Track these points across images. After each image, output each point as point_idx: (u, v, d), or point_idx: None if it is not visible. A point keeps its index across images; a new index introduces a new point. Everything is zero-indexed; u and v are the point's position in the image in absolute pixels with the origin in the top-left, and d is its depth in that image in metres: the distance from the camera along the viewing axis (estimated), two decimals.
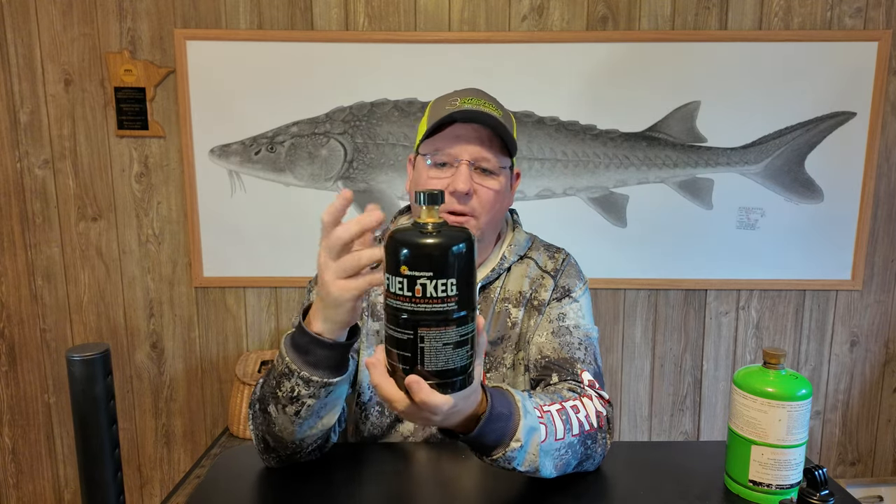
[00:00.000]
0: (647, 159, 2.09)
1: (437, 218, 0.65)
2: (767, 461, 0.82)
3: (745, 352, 2.23)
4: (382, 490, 0.88)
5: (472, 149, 0.99)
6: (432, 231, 0.64)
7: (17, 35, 2.02)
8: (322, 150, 2.08)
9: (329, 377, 0.80)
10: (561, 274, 1.10)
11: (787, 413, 0.80)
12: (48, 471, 2.28)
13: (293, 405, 0.82)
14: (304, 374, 0.79)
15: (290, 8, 2.02)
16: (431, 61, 2.02)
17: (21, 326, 2.18)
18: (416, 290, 0.63)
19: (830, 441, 2.29)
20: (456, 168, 0.99)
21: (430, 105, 1.07)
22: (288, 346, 0.81)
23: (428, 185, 1.00)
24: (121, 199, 2.12)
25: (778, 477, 0.82)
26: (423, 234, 0.63)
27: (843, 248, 2.14)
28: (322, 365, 0.79)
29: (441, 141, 1.00)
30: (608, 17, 2.03)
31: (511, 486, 0.88)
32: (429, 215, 0.65)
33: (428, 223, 0.65)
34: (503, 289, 1.08)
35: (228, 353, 2.22)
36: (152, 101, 2.05)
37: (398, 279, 0.63)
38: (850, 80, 2.04)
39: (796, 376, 0.83)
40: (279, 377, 0.82)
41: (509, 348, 1.06)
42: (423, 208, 0.66)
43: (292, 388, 0.81)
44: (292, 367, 0.80)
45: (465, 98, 1.01)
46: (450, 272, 0.63)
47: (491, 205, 1.01)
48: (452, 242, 0.63)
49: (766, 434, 0.81)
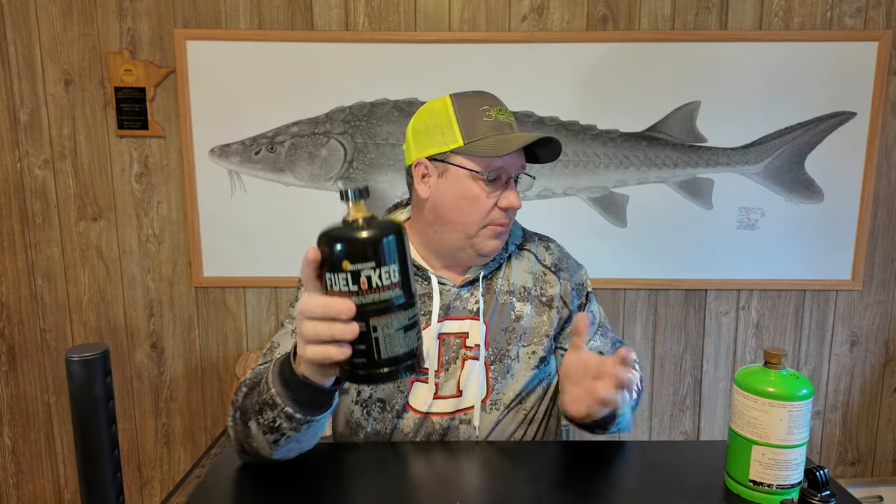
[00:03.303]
0: (647, 159, 2.09)
1: (366, 212, 0.67)
2: (768, 461, 0.82)
3: (745, 352, 2.23)
4: (383, 490, 0.88)
5: (519, 165, 1.05)
6: (364, 225, 0.65)
7: (17, 35, 2.02)
8: (322, 150, 2.08)
9: (313, 415, 0.81)
10: (564, 269, 1.16)
11: (788, 413, 0.80)
12: (48, 471, 2.28)
13: (273, 434, 0.84)
14: (288, 409, 0.80)
15: (290, 8, 2.02)
16: (431, 61, 2.02)
17: (21, 326, 2.18)
18: (361, 283, 0.64)
19: (830, 441, 2.29)
20: (504, 183, 1.03)
21: (451, 107, 1.03)
22: (276, 376, 0.82)
23: (480, 203, 1.02)
24: (121, 199, 2.12)
25: (779, 477, 0.82)
26: (358, 228, 0.65)
27: (843, 248, 2.14)
28: (306, 403, 0.80)
29: (497, 158, 1.01)
30: (608, 17, 2.03)
31: (511, 486, 0.88)
32: (358, 211, 0.66)
33: (358, 218, 0.66)
34: (506, 280, 1.11)
35: (228, 353, 2.22)
36: (152, 101, 2.05)
37: (342, 275, 0.65)
38: (850, 80, 2.04)
39: (797, 376, 0.83)
40: (262, 405, 0.83)
41: (514, 340, 1.08)
42: (351, 204, 0.67)
43: (274, 419, 0.82)
44: (277, 400, 0.81)
45: (495, 108, 1.04)
46: (391, 259, 0.65)
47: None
48: (388, 231, 0.65)
49: (767, 434, 0.81)
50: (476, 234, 1.04)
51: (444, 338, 1.06)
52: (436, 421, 1.05)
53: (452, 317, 1.07)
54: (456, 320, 1.07)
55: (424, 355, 0.72)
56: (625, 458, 0.97)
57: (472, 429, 1.05)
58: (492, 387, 1.06)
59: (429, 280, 1.08)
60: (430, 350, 1.05)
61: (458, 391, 1.05)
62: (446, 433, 1.05)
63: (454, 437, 1.05)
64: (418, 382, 1.05)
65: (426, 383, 1.05)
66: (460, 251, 1.06)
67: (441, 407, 1.05)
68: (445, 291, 1.08)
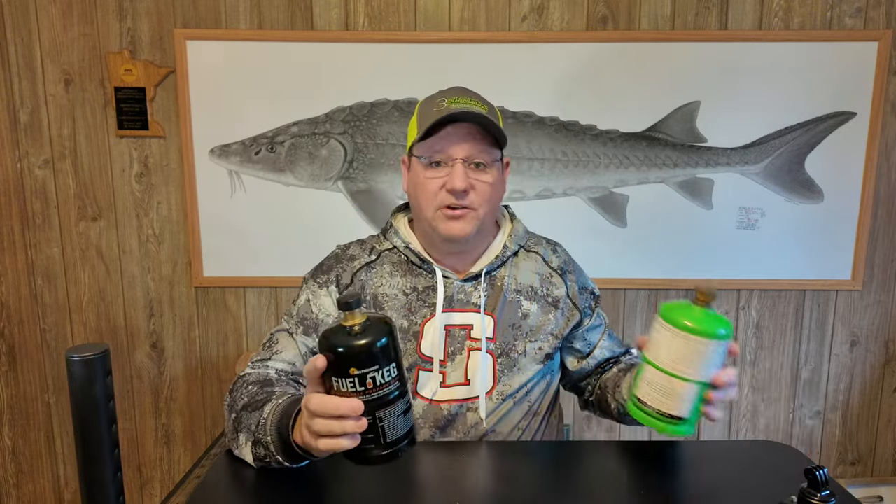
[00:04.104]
0: (647, 159, 2.09)
1: (362, 316, 0.73)
2: (654, 382, 0.82)
3: (746, 352, 2.23)
4: (384, 489, 0.88)
5: (466, 147, 1.04)
6: (361, 331, 0.72)
7: (17, 35, 2.02)
8: (322, 150, 2.08)
9: (301, 463, 0.89)
10: (571, 273, 1.19)
11: (685, 343, 0.80)
12: (48, 471, 2.28)
13: (261, 462, 0.91)
14: (279, 458, 0.88)
15: (290, 8, 2.02)
16: (431, 61, 2.02)
17: (21, 326, 2.18)
18: (367, 384, 0.71)
19: (830, 441, 2.29)
20: (451, 167, 1.04)
21: (417, 107, 1.11)
22: (274, 426, 0.88)
23: (426, 186, 1.06)
24: (121, 199, 2.12)
25: (660, 403, 0.82)
26: (357, 336, 0.71)
27: (843, 248, 2.14)
28: (297, 458, 0.87)
29: (435, 142, 1.05)
30: (608, 17, 2.03)
31: (511, 486, 0.88)
32: (353, 318, 0.73)
33: (355, 325, 0.72)
34: (513, 279, 1.14)
35: (228, 353, 2.22)
36: (152, 101, 2.05)
37: (349, 379, 0.71)
38: (850, 80, 2.04)
39: (716, 318, 0.81)
40: (256, 442, 0.90)
41: (520, 336, 1.12)
42: (345, 314, 0.73)
43: (265, 456, 0.89)
44: (271, 448, 0.88)
45: (452, 98, 1.06)
46: (389, 360, 0.72)
47: (488, 197, 1.07)
48: (384, 334, 0.72)
49: (659, 356, 0.82)
50: (433, 218, 1.07)
51: (450, 329, 1.09)
52: (444, 407, 1.08)
53: (456, 309, 1.10)
54: (459, 312, 1.10)
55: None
56: (625, 458, 0.97)
57: (479, 417, 1.07)
58: (498, 378, 1.09)
59: (433, 273, 1.11)
60: (435, 340, 1.08)
61: (466, 380, 1.09)
62: (454, 419, 1.07)
63: (461, 423, 1.08)
64: (424, 371, 1.08)
65: (431, 371, 1.08)
66: (432, 236, 1.11)
67: (449, 394, 1.08)
68: (449, 284, 1.11)
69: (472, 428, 1.07)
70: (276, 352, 1.08)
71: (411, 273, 1.12)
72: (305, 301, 1.12)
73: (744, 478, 0.90)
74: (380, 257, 1.14)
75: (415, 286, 1.11)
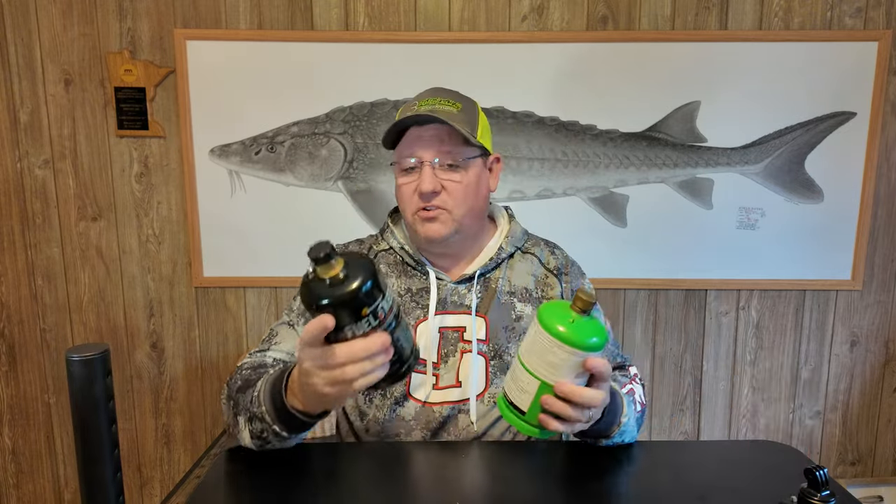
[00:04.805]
0: (647, 159, 2.09)
1: (340, 262, 0.71)
2: (513, 368, 0.84)
3: (746, 352, 2.23)
4: (383, 490, 0.88)
5: (433, 149, 1.04)
6: (352, 272, 0.71)
7: (17, 35, 2.02)
8: (322, 150, 2.08)
9: (298, 433, 0.90)
10: (567, 275, 1.17)
11: (535, 334, 0.80)
12: (48, 471, 2.28)
13: (258, 440, 0.91)
14: (275, 428, 0.88)
15: (290, 8, 2.02)
16: (431, 61, 2.02)
17: (21, 326, 2.18)
18: (379, 316, 0.73)
19: (830, 441, 2.29)
20: (421, 170, 1.05)
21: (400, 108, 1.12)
22: (266, 396, 0.88)
23: (402, 192, 1.08)
24: (121, 199, 2.12)
25: (509, 387, 0.84)
26: (352, 279, 0.70)
27: (843, 248, 2.14)
28: (295, 426, 0.87)
29: (404, 147, 1.07)
30: (608, 17, 2.03)
31: (511, 486, 0.88)
32: (334, 267, 0.71)
33: (339, 272, 0.71)
34: (507, 281, 1.13)
35: (228, 353, 2.22)
36: (152, 101, 2.05)
37: (364, 321, 0.72)
38: (850, 80, 2.04)
39: (587, 327, 0.78)
40: (252, 417, 0.90)
41: (514, 338, 1.10)
42: (322, 266, 0.71)
43: (262, 430, 0.90)
44: (266, 418, 0.88)
45: (422, 101, 1.06)
46: (384, 285, 0.74)
47: (463, 197, 1.06)
48: (370, 265, 0.72)
49: (522, 344, 0.83)
50: (413, 221, 1.08)
51: (443, 331, 1.09)
52: (436, 410, 1.07)
53: (450, 311, 1.10)
54: (452, 314, 1.10)
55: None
56: (625, 458, 0.97)
57: (470, 420, 1.07)
58: (490, 381, 1.08)
59: (427, 275, 1.11)
60: (429, 343, 1.08)
61: (458, 382, 1.08)
62: (446, 421, 1.07)
63: (453, 426, 1.07)
64: (417, 373, 1.08)
65: (424, 374, 1.08)
66: (416, 238, 1.11)
67: (442, 397, 1.08)
68: (442, 286, 1.11)
69: (464, 430, 1.07)
70: (274, 343, 1.10)
71: (406, 274, 1.12)
72: None
73: (744, 478, 0.90)
74: (376, 257, 1.15)
75: (409, 287, 1.11)
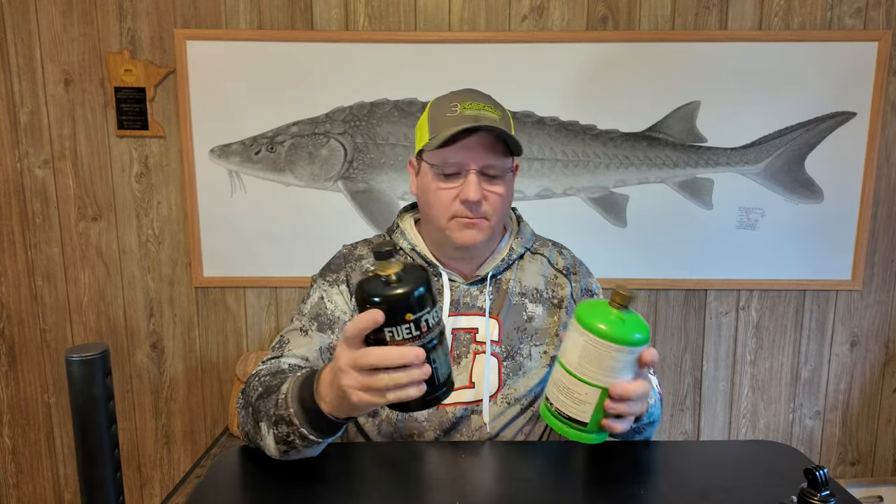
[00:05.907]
0: (647, 159, 2.09)
1: (397, 265, 0.72)
2: (559, 382, 0.81)
3: (746, 352, 2.23)
4: (384, 490, 0.88)
5: (479, 158, 1.03)
6: (405, 277, 0.71)
7: (17, 35, 2.02)
8: (322, 150, 2.08)
9: (327, 437, 0.86)
10: (576, 274, 1.19)
11: (589, 344, 0.77)
12: (48, 471, 2.28)
13: (285, 445, 0.88)
14: (303, 431, 0.84)
15: (290, 8, 2.02)
16: (431, 61, 2.02)
17: (21, 326, 2.18)
18: (422, 328, 0.71)
19: (830, 441, 2.29)
20: (465, 177, 1.03)
21: (428, 107, 1.09)
22: (295, 397, 0.85)
23: (439, 196, 1.05)
24: (121, 199, 2.12)
25: (562, 404, 0.80)
26: (404, 282, 0.71)
27: (843, 248, 2.14)
28: (323, 428, 0.84)
29: (450, 154, 1.03)
30: (608, 17, 2.03)
31: (512, 486, 0.88)
32: (391, 266, 0.72)
33: (392, 273, 0.72)
34: (518, 282, 1.14)
35: (228, 353, 2.22)
36: (152, 101, 2.05)
37: (405, 326, 0.70)
38: (850, 80, 2.04)
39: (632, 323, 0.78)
40: (278, 418, 0.86)
41: (525, 339, 1.11)
42: (381, 263, 0.72)
43: (288, 434, 0.86)
44: (293, 420, 0.84)
45: (465, 103, 1.04)
46: (435, 300, 0.73)
47: (501, 207, 1.07)
48: (425, 276, 0.72)
49: (566, 355, 0.80)
50: (446, 227, 1.06)
51: (456, 333, 1.09)
52: (449, 410, 1.07)
53: (462, 312, 1.10)
54: (465, 316, 1.10)
55: None
56: (625, 458, 0.97)
57: (483, 421, 1.07)
58: (504, 382, 1.09)
59: (439, 276, 1.11)
60: None
61: (471, 383, 1.08)
62: (459, 422, 1.07)
63: (465, 426, 1.07)
64: None
65: None
66: (444, 242, 1.10)
67: (455, 397, 1.07)
68: (455, 288, 1.11)
69: (477, 431, 1.07)
70: (287, 350, 1.06)
71: None
72: (319, 299, 1.11)
73: (744, 478, 0.90)
74: None
75: None
